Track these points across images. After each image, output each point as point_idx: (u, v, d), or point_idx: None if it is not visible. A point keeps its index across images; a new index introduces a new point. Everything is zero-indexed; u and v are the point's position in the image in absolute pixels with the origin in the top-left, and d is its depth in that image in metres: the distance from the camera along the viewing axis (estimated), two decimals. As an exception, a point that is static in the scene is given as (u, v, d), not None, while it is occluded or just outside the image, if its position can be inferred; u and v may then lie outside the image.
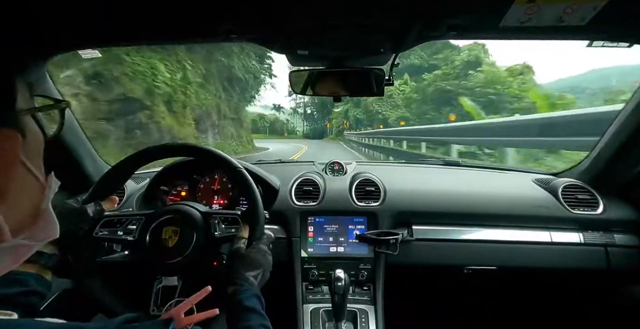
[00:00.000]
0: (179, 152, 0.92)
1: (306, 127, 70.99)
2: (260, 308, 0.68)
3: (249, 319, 0.64)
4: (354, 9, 0.73)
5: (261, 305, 0.70)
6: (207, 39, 0.91)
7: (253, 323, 0.64)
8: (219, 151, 0.91)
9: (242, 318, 0.65)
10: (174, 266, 0.78)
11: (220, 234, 0.82)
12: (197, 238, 0.80)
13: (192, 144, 0.92)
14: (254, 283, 0.73)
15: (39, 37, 0.85)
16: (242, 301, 0.67)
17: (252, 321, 0.64)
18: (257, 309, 0.67)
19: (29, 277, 0.63)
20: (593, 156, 1.28)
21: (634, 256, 1.16)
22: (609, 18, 0.72)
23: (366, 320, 1.07)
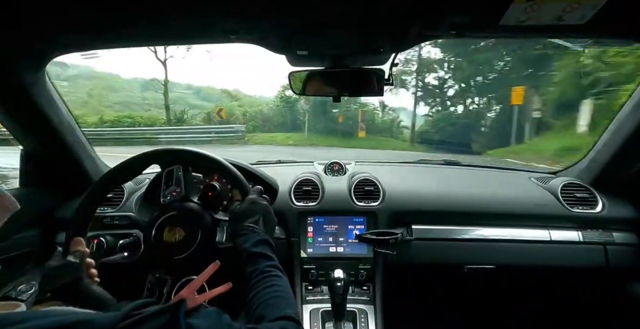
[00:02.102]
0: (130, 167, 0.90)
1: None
2: (267, 251, 0.70)
3: (255, 263, 0.66)
4: (353, 9, 0.73)
5: (271, 249, 0.71)
6: (207, 40, 0.90)
7: (260, 265, 0.66)
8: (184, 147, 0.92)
9: (249, 264, 0.67)
10: (180, 262, 0.78)
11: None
12: (202, 233, 0.80)
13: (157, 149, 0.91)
14: (256, 229, 0.75)
15: (38, 38, 0.85)
16: (247, 249, 0.69)
17: (259, 264, 0.66)
18: (264, 252, 0.69)
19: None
20: (592, 155, 1.28)
21: (632, 254, 1.16)
22: (609, 17, 0.72)
23: (365, 320, 1.07)
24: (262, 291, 0.61)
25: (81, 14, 0.75)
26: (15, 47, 0.85)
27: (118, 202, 1.22)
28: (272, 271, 0.65)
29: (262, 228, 0.77)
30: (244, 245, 0.70)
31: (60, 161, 1.19)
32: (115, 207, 1.20)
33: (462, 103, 13.39)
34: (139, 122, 11.99)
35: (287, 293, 0.63)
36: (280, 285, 0.64)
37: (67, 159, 1.19)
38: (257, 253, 0.68)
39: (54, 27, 0.81)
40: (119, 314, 0.38)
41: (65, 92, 5.79)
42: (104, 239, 1.04)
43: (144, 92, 18.03)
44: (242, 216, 0.78)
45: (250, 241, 0.71)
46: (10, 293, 0.97)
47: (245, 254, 0.69)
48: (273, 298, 0.60)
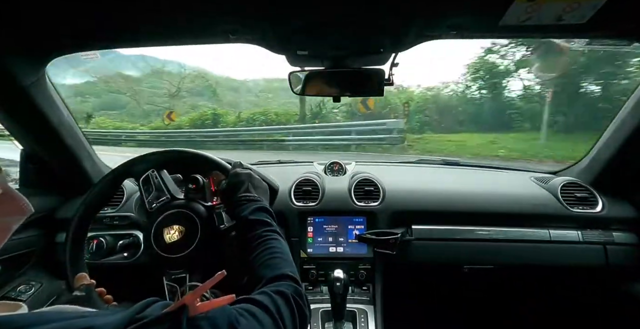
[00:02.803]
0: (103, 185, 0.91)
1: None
2: (264, 217, 0.70)
3: (253, 229, 0.67)
4: (353, 9, 0.73)
5: (268, 214, 0.72)
6: (206, 40, 0.90)
7: (258, 231, 0.67)
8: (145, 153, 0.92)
9: (247, 230, 0.68)
10: (180, 260, 0.78)
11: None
12: (201, 225, 0.80)
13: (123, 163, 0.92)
14: (249, 197, 0.76)
15: (38, 39, 0.85)
16: (245, 217, 0.70)
17: (257, 230, 0.67)
18: (261, 219, 0.70)
19: None
20: (592, 154, 1.28)
21: (632, 254, 1.16)
22: (609, 17, 0.72)
23: (365, 320, 1.07)
24: (261, 254, 0.63)
25: (81, 14, 0.75)
26: (15, 48, 0.85)
27: (118, 202, 1.22)
28: (270, 235, 0.67)
29: (254, 194, 0.77)
30: (241, 214, 0.71)
31: (60, 162, 1.19)
32: (115, 208, 1.20)
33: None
34: (272, 119, 10.22)
35: (285, 253, 0.65)
36: (278, 247, 0.65)
37: (67, 159, 1.18)
38: (254, 220, 0.69)
39: (54, 28, 0.81)
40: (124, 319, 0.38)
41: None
42: (103, 240, 1.05)
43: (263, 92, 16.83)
44: (231, 190, 0.78)
45: (248, 209, 0.71)
46: (10, 293, 0.97)
47: (243, 222, 0.70)
48: (271, 259, 0.62)
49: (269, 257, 0.62)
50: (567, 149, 5.56)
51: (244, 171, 0.83)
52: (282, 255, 0.64)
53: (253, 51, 20.22)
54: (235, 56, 45.16)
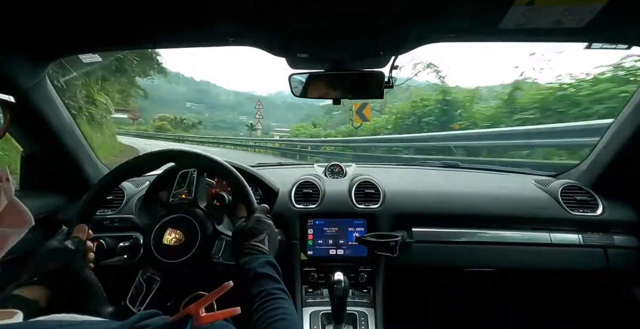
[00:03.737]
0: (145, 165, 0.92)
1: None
2: (274, 273, 0.68)
3: (262, 284, 0.65)
4: (353, 12, 0.74)
5: (276, 271, 0.70)
6: (207, 43, 0.91)
7: (267, 287, 0.64)
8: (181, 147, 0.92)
9: (255, 284, 0.65)
10: (179, 265, 0.78)
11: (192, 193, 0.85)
12: (200, 242, 0.80)
13: (173, 149, 0.92)
14: (264, 249, 0.74)
15: (38, 42, 0.85)
16: (254, 269, 0.67)
17: (266, 286, 0.64)
18: (271, 274, 0.67)
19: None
20: (592, 157, 1.28)
21: (633, 257, 1.16)
22: (607, 20, 0.72)
23: (366, 323, 1.07)
24: (268, 313, 0.60)
25: (81, 17, 0.76)
26: (15, 51, 0.86)
27: (118, 204, 1.22)
28: (278, 294, 0.64)
29: (266, 247, 0.75)
30: (250, 265, 0.69)
31: (61, 163, 1.20)
32: (115, 210, 1.20)
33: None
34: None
35: (293, 316, 0.62)
36: (287, 308, 0.62)
37: (68, 162, 1.19)
38: (264, 274, 0.67)
39: (54, 31, 0.82)
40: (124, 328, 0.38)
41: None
42: (103, 242, 1.04)
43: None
44: (248, 234, 0.77)
45: (258, 262, 0.69)
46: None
47: (252, 274, 0.67)
48: (278, 321, 0.59)
49: (276, 318, 0.60)
50: None
51: (267, 221, 0.81)
52: (289, 317, 0.61)
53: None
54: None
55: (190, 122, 45.01)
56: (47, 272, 0.66)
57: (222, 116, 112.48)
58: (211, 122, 79.61)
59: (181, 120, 44.79)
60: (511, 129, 5.19)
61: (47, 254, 0.70)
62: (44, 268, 0.66)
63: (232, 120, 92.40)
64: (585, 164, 1.32)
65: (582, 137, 3.63)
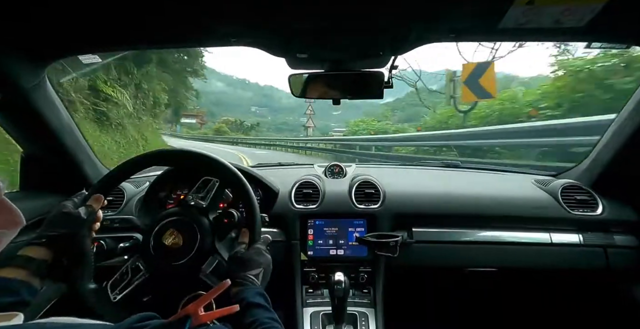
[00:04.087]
0: (175, 159, 0.92)
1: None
2: (265, 304, 0.69)
3: (254, 314, 0.65)
4: (353, 12, 0.74)
5: (267, 302, 0.70)
6: (207, 43, 0.91)
7: (259, 316, 0.64)
8: (215, 155, 0.92)
9: (247, 313, 0.65)
10: (180, 268, 0.78)
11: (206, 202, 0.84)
12: (197, 224, 0.80)
13: (187, 150, 0.92)
14: (256, 281, 0.74)
15: (38, 42, 0.85)
16: (246, 299, 0.67)
17: (259, 315, 0.64)
18: (262, 304, 0.68)
19: (21, 286, 0.61)
20: (592, 157, 1.28)
21: (633, 256, 1.16)
22: (607, 20, 0.72)
23: (366, 323, 1.07)
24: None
25: (82, 17, 0.76)
26: (15, 51, 0.86)
27: (118, 205, 1.22)
28: (271, 323, 0.64)
29: (259, 281, 0.75)
30: (242, 295, 0.69)
31: (61, 164, 1.19)
32: (115, 210, 1.20)
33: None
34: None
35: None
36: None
37: (67, 161, 1.19)
38: (256, 304, 0.67)
39: (54, 31, 0.82)
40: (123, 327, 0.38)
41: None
42: (103, 242, 1.04)
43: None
44: (245, 264, 0.76)
45: (250, 292, 0.70)
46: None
47: (244, 304, 0.66)
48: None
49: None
50: None
51: (266, 255, 0.81)
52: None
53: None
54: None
55: (250, 124, 45.90)
56: (55, 236, 0.68)
57: (284, 118, 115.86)
58: (274, 125, 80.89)
59: (241, 122, 45.51)
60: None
61: (60, 218, 0.72)
62: (53, 231, 0.69)
63: (293, 122, 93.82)
64: (585, 163, 1.32)
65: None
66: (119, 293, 0.78)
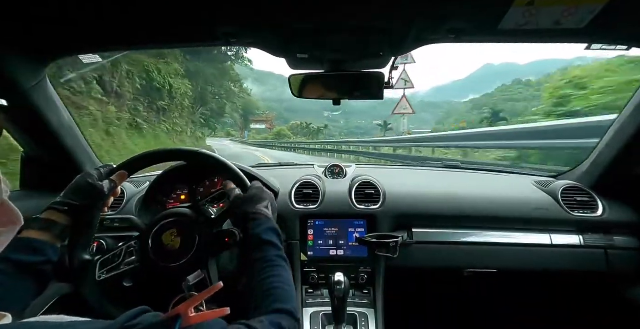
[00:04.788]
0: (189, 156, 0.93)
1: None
2: (276, 241, 0.71)
3: (264, 250, 0.68)
4: (353, 12, 0.74)
5: (279, 238, 0.73)
6: (207, 43, 0.91)
7: (268, 253, 0.67)
8: (215, 154, 0.92)
9: (257, 250, 0.68)
10: (184, 268, 0.78)
11: (216, 214, 0.82)
12: (199, 233, 0.79)
13: (198, 150, 0.92)
14: (268, 214, 0.76)
15: (38, 42, 0.85)
16: (259, 235, 0.70)
17: (268, 252, 0.68)
18: (274, 241, 0.70)
19: (46, 246, 0.66)
20: (593, 158, 1.28)
21: (634, 258, 1.16)
22: (607, 21, 0.72)
23: (366, 324, 1.07)
24: (265, 281, 0.63)
25: (82, 17, 0.76)
26: (16, 51, 0.86)
27: (118, 205, 1.22)
28: (278, 262, 0.67)
29: (270, 213, 0.78)
30: (256, 230, 0.71)
31: (61, 163, 1.20)
32: (115, 210, 1.20)
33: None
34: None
35: (289, 285, 0.64)
36: (283, 276, 0.65)
37: (68, 161, 1.19)
38: (267, 241, 0.69)
39: (54, 31, 0.82)
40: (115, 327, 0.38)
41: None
42: (104, 242, 1.04)
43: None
44: (254, 200, 0.78)
45: (263, 227, 0.72)
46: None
47: (255, 240, 0.70)
48: (273, 289, 0.61)
49: (274, 285, 0.62)
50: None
51: (267, 191, 0.83)
52: (287, 287, 0.63)
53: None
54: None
55: (316, 127, 45.49)
56: (76, 206, 0.72)
57: (356, 122, 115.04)
58: (346, 129, 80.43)
59: (307, 125, 45.01)
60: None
61: (84, 188, 0.74)
62: (75, 200, 0.72)
63: (366, 125, 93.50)
64: (585, 164, 1.32)
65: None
66: (105, 273, 0.78)
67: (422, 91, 29.69)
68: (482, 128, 6.14)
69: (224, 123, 67.30)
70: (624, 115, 1.12)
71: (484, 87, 35.28)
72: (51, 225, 0.69)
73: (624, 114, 1.12)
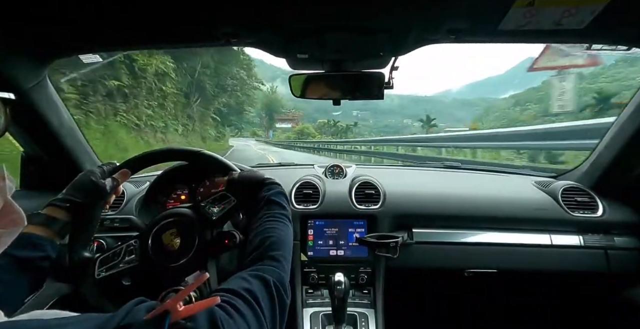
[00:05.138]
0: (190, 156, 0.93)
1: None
2: (285, 203, 0.76)
3: (270, 208, 0.72)
4: (353, 12, 0.74)
5: (287, 201, 0.77)
6: (207, 43, 0.91)
7: (274, 211, 0.71)
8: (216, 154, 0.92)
9: (264, 207, 0.73)
10: (183, 268, 0.77)
11: (217, 215, 0.82)
12: (199, 234, 0.79)
13: (192, 148, 0.92)
14: (275, 181, 0.81)
15: (38, 42, 0.85)
16: (269, 195, 0.75)
17: (274, 210, 0.72)
18: (281, 202, 0.75)
19: (45, 242, 0.66)
20: (593, 159, 1.28)
21: (634, 258, 1.16)
22: (607, 22, 0.72)
23: (366, 324, 1.07)
24: (262, 231, 0.66)
25: (82, 17, 0.76)
26: (16, 51, 0.86)
27: (118, 204, 1.22)
28: (280, 218, 0.70)
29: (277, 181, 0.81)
30: (264, 193, 0.75)
31: (61, 163, 1.20)
32: (115, 210, 1.20)
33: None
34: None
35: (285, 237, 0.67)
36: (282, 230, 0.68)
37: (68, 161, 1.19)
38: (274, 201, 0.73)
39: (54, 31, 0.82)
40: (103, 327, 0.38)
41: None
42: (104, 242, 1.04)
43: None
44: (253, 175, 0.82)
45: (271, 191, 0.76)
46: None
47: (264, 200, 0.74)
48: (267, 239, 0.64)
49: (266, 236, 0.65)
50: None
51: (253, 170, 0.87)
52: (283, 238, 0.66)
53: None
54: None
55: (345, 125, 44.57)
56: (77, 203, 0.72)
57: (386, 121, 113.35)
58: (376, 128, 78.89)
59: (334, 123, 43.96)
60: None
61: (86, 186, 0.75)
62: (77, 198, 0.72)
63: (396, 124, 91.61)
64: (585, 165, 1.32)
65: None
66: (104, 271, 0.77)
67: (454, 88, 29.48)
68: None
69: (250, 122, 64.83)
70: (623, 115, 1.12)
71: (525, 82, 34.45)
72: (52, 221, 0.69)
73: (624, 114, 1.12)
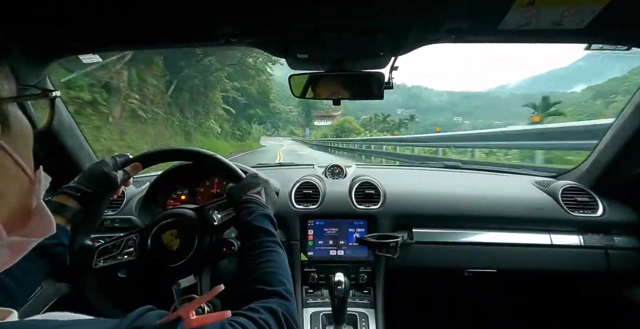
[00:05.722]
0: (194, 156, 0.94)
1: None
2: (269, 226, 0.71)
3: (257, 236, 0.68)
4: (353, 12, 0.74)
5: (272, 224, 0.73)
6: (207, 43, 0.91)
7: (260, 240, 0.68)
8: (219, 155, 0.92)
9: (250, 237, 0.69)
10: (179, 269, 0.77)
11: (219, 221, 0.82)
12: (199, 237, 0.79)
13: (193, 148, 0.93)
14: (260, 201, 0.76)
15: (38, 42, 0.85)
16: (250, 221, 0.70)
17: (260, 239, 0.68)
18: (266, 227, 0.70)
19: (59, 230, 0.66)
20: (592, 158, 1.28)
21: (634, 258, 1.16)
22: (607, 21, 0.72)
23: (366, 324, 1.07)
24: (259, 265, 0.63)
25: (82, 17, 0.76)
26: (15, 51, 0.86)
27: (119, 205, 1.22)
28: (271, 247, 0.67)
29: (263, 200, 0.77)
30: (246, 218, 0.71)
31: (61, 163, 1.20)
32: (115, 210, 1.20)
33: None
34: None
35: (283, 268, 0.65)
36: (277, 260, 0.65)
37: (68, 161, 1.19)
38: (258, 227, 0.69)
39: (54, 31, 0.82)
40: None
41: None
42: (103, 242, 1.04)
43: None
44: (243, 187, 0.79)
45: (253, 214, 0.72)
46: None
47: (248, 228, 0.70)
48: (266, 274, 0.62)
49: (266, 270, 0.62)
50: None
51: (262, 177, 0.84)
52: (280, 270, 0.64)
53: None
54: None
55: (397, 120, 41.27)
56: (88, 193, 0.73)
57: (434, 118, 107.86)
58: (422, 127, 76.30)
59: (384, 117, 40.76)
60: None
61: (98, 176, 0.75)
62: (88, 187, 0.73)
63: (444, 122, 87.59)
64: (585, 165, 1.32)
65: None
66: (102, 262, 0.78)
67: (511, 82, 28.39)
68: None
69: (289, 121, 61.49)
70: (623, 115, 1.12)
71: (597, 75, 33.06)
72: (63, 208, 0.69)
73: (624, 114, 1.12)
